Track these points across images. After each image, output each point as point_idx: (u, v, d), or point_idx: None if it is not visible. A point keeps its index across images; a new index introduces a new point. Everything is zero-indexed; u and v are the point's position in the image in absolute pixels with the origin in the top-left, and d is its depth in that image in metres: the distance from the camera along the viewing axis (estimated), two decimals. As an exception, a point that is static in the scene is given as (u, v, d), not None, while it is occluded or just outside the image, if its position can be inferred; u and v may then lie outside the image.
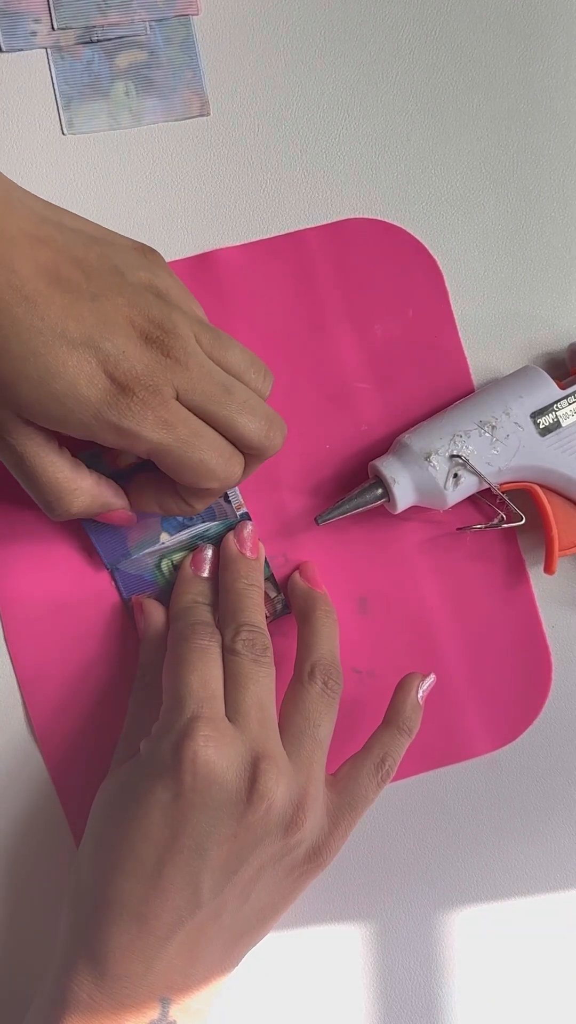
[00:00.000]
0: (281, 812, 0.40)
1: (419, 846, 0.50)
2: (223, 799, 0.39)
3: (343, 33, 0.50)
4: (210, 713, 0.41)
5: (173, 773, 0.39)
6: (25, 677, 0.48)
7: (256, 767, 0.40)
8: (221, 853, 0.39)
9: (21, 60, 0.49)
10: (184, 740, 0.39)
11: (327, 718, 0.43)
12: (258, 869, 0.40)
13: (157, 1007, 0.39)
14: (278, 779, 0.40)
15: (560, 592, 0.50)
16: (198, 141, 0.50)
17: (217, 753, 0.39)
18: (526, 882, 0.50)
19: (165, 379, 0.39)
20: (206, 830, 0.39)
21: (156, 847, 0.39)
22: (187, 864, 0.39)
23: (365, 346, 0.50)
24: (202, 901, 0.39)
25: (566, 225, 0.51)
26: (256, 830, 0.39)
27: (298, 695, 0.44)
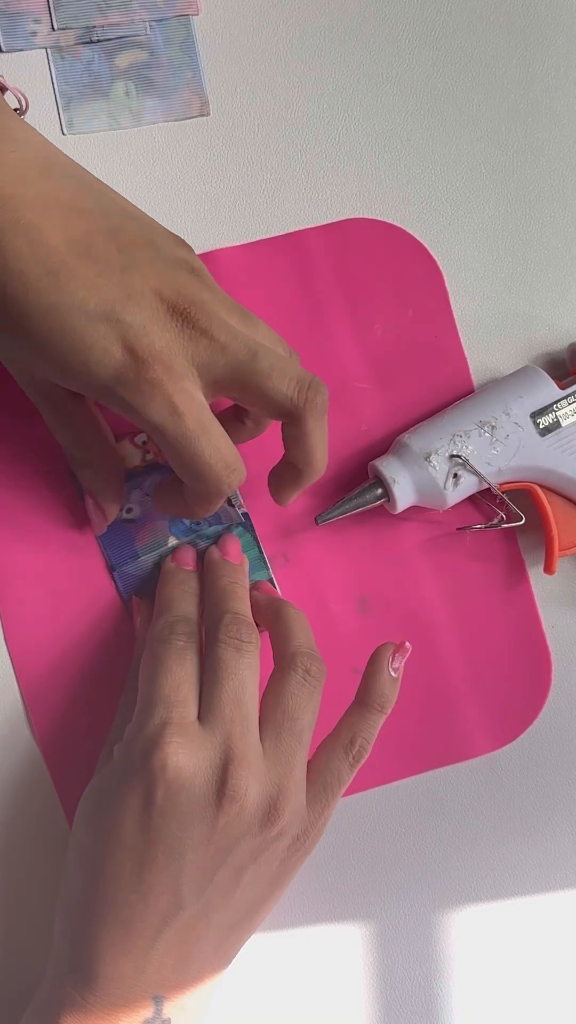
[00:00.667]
0: (254, 811, 0.39)
1: (419, 846, 0.50)
2: (193, 805, 0.39)
3: (343, 33, 0.50)
4: (179, 719, 0.40)
5: (143, 782, 0.39)
6: (25, 676, 0.48)
7: (226, 770, 0.39)
8: (198, 857, 0.39)
9: (21, 60, 0.49)
10: (152, 748, 0.39)
11: (308, 709, 0.42)
12: (239, 868, 0.40)
13: (150, 1005, 0.39)
14: (249, 780, 0.39)
15: (560, 592, 0.50)
16: (198, 141, 0.50)
17: (186, 760, 0.39)
18: (526, 882, 0.50)
19: (185, 356, 0.38)
20: (179, 836, 0.39)
21: (133, 854, 0.39)
22: (164, 870, 0.39)
23: (365, 346, 0.50)
24: (184, 903, 0.39)
25: (566, 225, 0.51)
26: (230, 832, 0.39)
27: (278, 686, 0.42)
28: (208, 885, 0.39)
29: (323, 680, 0.43)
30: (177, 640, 0.42)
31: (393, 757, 0.49)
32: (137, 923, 0.39)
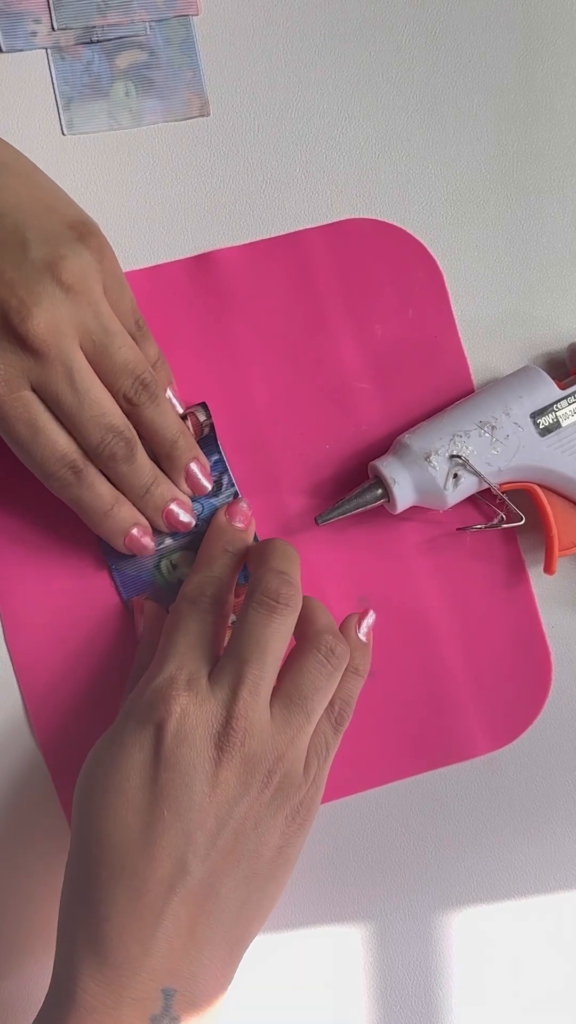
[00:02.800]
0: (252, 767, 0.40)
1: (419, 846, 0.50)
2: (195, 758, 0.39)
3: (343, 33, 0.50)
4: (188, 675, 0.41)
5: (147, 735, 0.40)
6: (25, 677, 0.48)
7: (227, 724, 0.40)
8: (201, 817, 0.39)
9: (21, 60, 0.49)
10: (158, 701, 0.40)
11: (324, 690, 0.42)
12: (239, 832, 0.40)
13: (159, 999, 0.38)
14: (247, 735, 0.40)
15: (560, 592, 0.50)
16: (198, 141, 0.50)
17: (190, 713, 0.40)
18: (526, 882, 0.50)
19: (18, 371, 0.40)
20: (182, 791, 0.39)
21: (140, 815, 0.39)
22: (171, 828, 0.39)
23: (365, 346, 0.50)
24: (190, 867, 0.39)
25: (566, 225, 0.51)
26: (229, 789, 0.40)
27: (299, 661, 0.43)
28: (212, 850, 0.39)
29: (343, 665, 0.43)
30: (203, 601, 0.43)
31: (393, 757, 0.49)
32: (144, 893, 0.38)
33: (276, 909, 0.48)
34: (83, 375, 0.42)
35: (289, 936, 0.49)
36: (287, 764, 0.41)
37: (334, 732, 0.44)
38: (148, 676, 0.42)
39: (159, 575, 0.48)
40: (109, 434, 0.42)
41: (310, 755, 0.43)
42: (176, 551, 0.48)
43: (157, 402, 0.44)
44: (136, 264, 0.49)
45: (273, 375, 0.49)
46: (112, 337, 0.42)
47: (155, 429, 0.45)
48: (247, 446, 0.49)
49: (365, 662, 0.46)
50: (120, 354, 0.42)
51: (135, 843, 0.39)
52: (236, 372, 0.49)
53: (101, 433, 0.42)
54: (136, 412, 0.44)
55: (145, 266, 0.49)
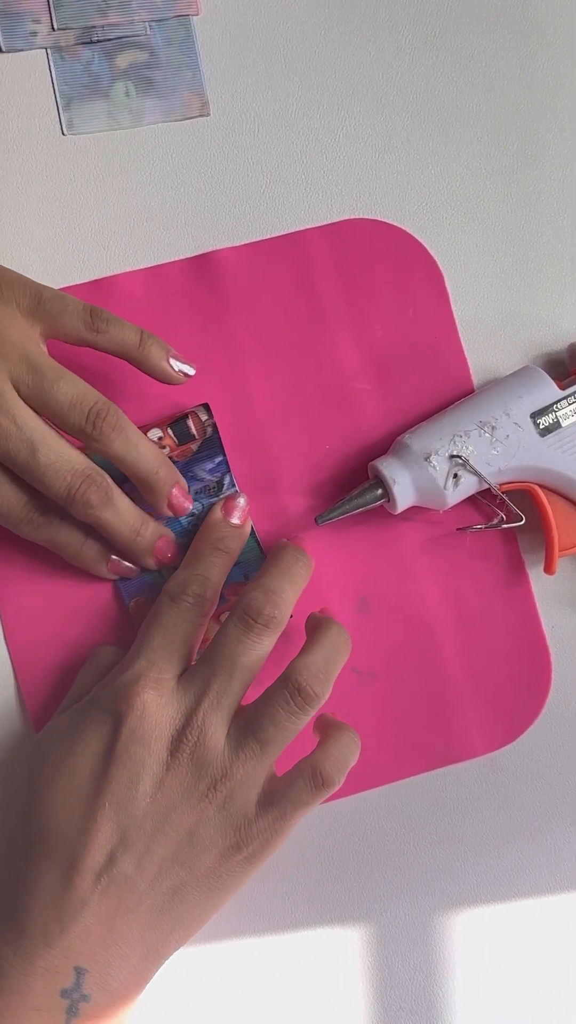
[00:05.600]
0: (197, 776, 0.40)
1: (419, 846, 0.50)
2: (146, 757, 0.40)
3: (343, 33, 0.50)
4: (156, 673, 0.41)
5: (106, 726, 0.40)
6: (25, 677, 0.48)
7: (183, 730, 0.40)
8: (140, 813, 0.40)
9: (21, 60, 0.49)
10: (122, 695, 0.41)
11: (282, 728, 0.41)
12: (177, 840, 0.40)
13: (71, 974, 0.39)
14: (200, 741, 0.40)
15: (560, 592, 0.50)
16: (198, 141, 0.50)
17: (151, 712, 0.40)
18: (526, 882, 0.50)
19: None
20: (128, 787, 0.39)
21: (83, 801, 0.40)
22: (109, 821, 0.39)
23: (365, 346, 0.50)
24: (119, 863, 0.39)
25: (566, 225, 0.51)
26: (172, 791, 0.40)
27: (267, 693, 0.42)
28: (145, 851, 0.40)
29: (315, 705, 0.42)
30: (184, 600, 0.43)
31: (393, 757, 0.49)
32: (72, 877, 0.39)
33: (276, 909, 0.48)
34: (30, 424, 0.41)
35: (289, 936, 0.49)
36: (233, 784, 0.40)
37: (314, 791, 0.41)
38: (120, 667, 0.42)
39: (159, 576, 0.48)
40: (76, 480, 0.42)
41: (276, 799, 0.41)
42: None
43: (123, 433, 0.43)
44: (135, 264, 0.49)
45: (273, 375, 0.49)
46: (43, 374, 0.41)
47: (130, 463, 0.43)
48: (247, 446, 0.49)
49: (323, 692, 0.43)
50: (58, 389, 0.42)
51: (74, 828, 0.39)
52: (236, 372, 0.49)
53: (68, 480, 0.42)
54: (104, 448, 0.43)
55: (145, 266, 0.49)
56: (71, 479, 0.42)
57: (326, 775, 0.42)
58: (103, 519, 0.43)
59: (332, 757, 0.42)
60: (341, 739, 0.43)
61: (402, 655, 0.49)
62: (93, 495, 0.42)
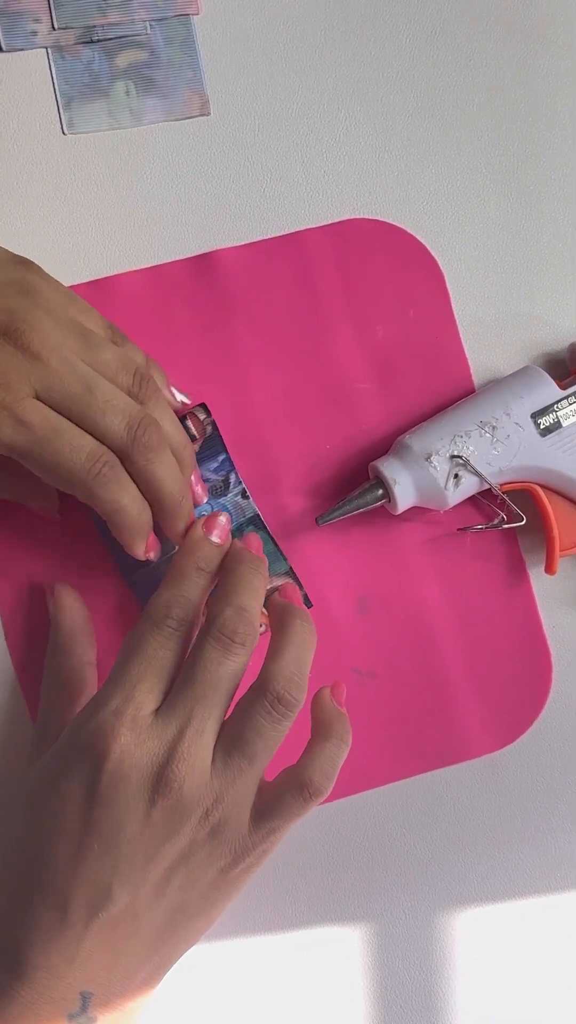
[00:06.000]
0: (188, 808, 0.39)
1: (419, 846, 0.50)
2: (130, 799, 0.38)
3: (343, 33, 0.50)
4: (134, 711, 0.39)
5: (86, 769, 0.39)
6: (25, 678, 0.48)
7: (166, 766, 0.39)
8: (131, 850, 0.39)
9: (21, 60, 0.49)
10: (99, 736, 0.39)
11: (266, 738, 0.40)
12: (170, 867, 0.40)
13: (77, 1000, 0.39)
14: (185, 777, 0.39)
15: (560, 592, 0.50)
16: (198, 141, 0.50)
17: (130, 753, 0.39)
18: (526, 882, 0.50)
19: (20, 375, 0.38)
20: (115, 829, 0.39)
21: (71, 843, 0.39)
22: (98, 860, 0.39)
23: (366, 346, 0.50)
24: (115, 896, 0.39)
25: (566, 225, 0.51)
26: (162, 828, 0.39)
27: (245, 703, 0.41)
28: (139, 881, 0.39)
29: (295, 710, 0.41)
30: (167, 624, 0.41)
31: (393, 757, 0.49)
32: (68, 913, 0.39)
33: (276, 909, 0.48)
34: (81, 366, 0.40)
35: (289, 936, 0.49)
36: (225, 807, 0.40)
37: (303, 802, 0.41)
38: (97, 700, 0.40)
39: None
40: (135, 420, 0.41)
41: (268, 814, 0.41)
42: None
43: (161, 402, 0.43)
44: (136, 264, 0.49)
45: (273, 375, 0.49)
46: (96, 339, 0.41)
47: (167, 431, 0.43)
48: (247, 446, 0.49)
49: (342, 729, 0.43)
50: (111, 350, 0.41)
51: (63, 867, 0.39)
52: (236, 372, 0.49)
53: (127, 419, 0.40)
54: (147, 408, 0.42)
55: (145, 266, 0.49)
56: (130, 419, 0.40)
57: (314, 787, 0.41)
58: (156, 473, 0.42)
59: (319, 767, 0.41)
60: (327, 745, 0.42)
61: (402, 655, 0.49)
62: (153, 435, 0.41)
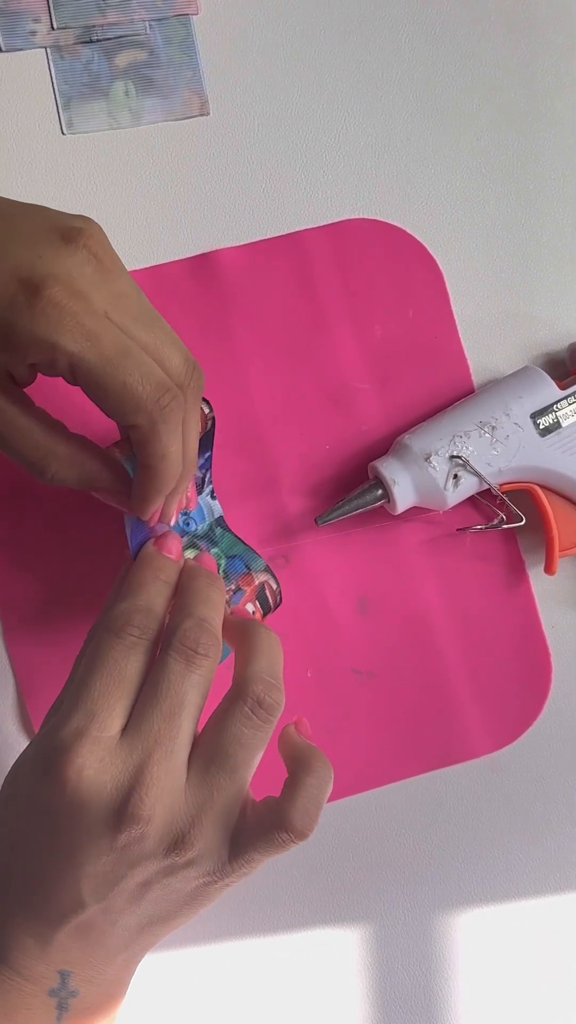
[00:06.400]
0: (159, 838, 0.36)
1: (419, 846, 0.50)
2: (91, 823, 0.36)
3: (343, 33, 0.50)
4: (96, 731, 0.37)
5: (47, 788, 0.37)
6: (25, 678, 0.48)
7: (130, 792, 0.36)
8: (96, 868, 0.37)
9: (20, 59, 0.49)
10: (61, 756, 0.36)
11: (248, 747, 0.38)
12: (144, 883, 0.38)
13: (56, 977, 0.38)
14: (153, 806, 0.36)
15: (560, 592, 0.50)
16: (198, 141, 0.50)
17: (91, 776, 0.36)
18: (526, 882, 0.50)
19: (92, 286, 0.35)
20: (75, 850, 0.37)
21: (35, 856, 0.38)
22: (64, 874, 0.37)
23: (365, 346, 0.50)
24: (85, 903, 0.37)
25: (566, 225, 0.51)
26: (131, 852, 0.37)
27: (222, 714, 0.38)
28: (110, 891, 0.37)
29: (276, 714, 0.39)
30: (129, 633, 0.38)
31: (393, 757, 0.49)
32: (42, 913, 0.38)
33: (276, 909, 0.48)
34: (149, 303, 0.38)
35: (289, 936, 0.49)
36: (203, 830, 0.37)
37: (283, 844, 0.38)
38: (60, 717, 0.38)
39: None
40: (191, 361, 0.38)
41: (247, 844, 0.38)
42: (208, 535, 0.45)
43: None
44: (136, 264, 0.49)
45: (273, 375, 0.49)
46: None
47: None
48: (247, 446, 0.49)
49: (325, 764, 0.40)
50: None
51: (37, 875, 0.38)
52: (236, 372, 0.49)
53: (185, 358, 0.38)
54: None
55: (145, 266, 0.49)
56: (187, 357, 0.38)
57: (296, 831, 0.38)
58: (192, 425, 0.39)
59: (301, 808, 0.38)
60: (308, 781, 0.39)
61: (402, 655, 0.49)
62: (202, 381, 0.38)
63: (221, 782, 0.38)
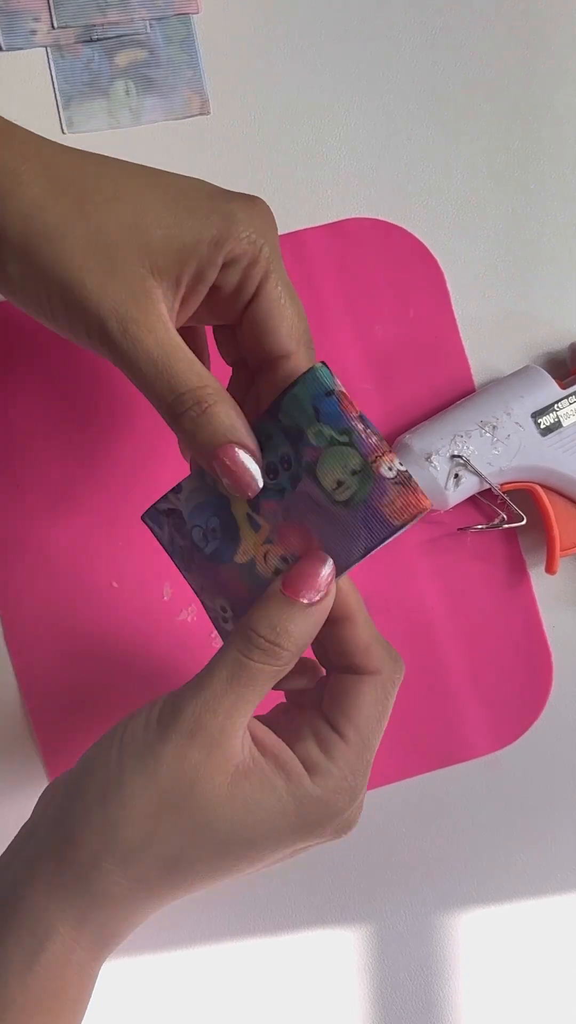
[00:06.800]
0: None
1: (419, 846, 0.50)
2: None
3: (343, 32, 0.50)
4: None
5: (315, 837, 0.37)
6: (24, 676, 0.48)
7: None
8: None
9: (21, 59, 0.49)
10: (344, 831, 0.38)
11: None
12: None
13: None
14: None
15: (561, 592, 0.50)
16: (198, 140, 0.50)
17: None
18: (526, 882, 0.50)
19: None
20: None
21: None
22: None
23: (366, 346, 0.50)
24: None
25: (566, 225, 0.51)
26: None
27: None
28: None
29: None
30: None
31: (394, 757, 0.49)
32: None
33: (276, 909, 0.48)
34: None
35: (290, 936, 0.49)
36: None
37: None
38: (350, 791, 0.37)
39: (250, 570, 0.38)
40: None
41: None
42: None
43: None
44: (136, 263, 0.49)
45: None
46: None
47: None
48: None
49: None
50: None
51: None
52: (236, 372, 0.49)
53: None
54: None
55: (145, 265, 0.49)
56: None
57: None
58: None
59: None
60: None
61: (403, 655, 0.49)
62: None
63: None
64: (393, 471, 0.35)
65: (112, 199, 0.36)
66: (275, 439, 0.37)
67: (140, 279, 0.35)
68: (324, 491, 0.36)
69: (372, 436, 0.35)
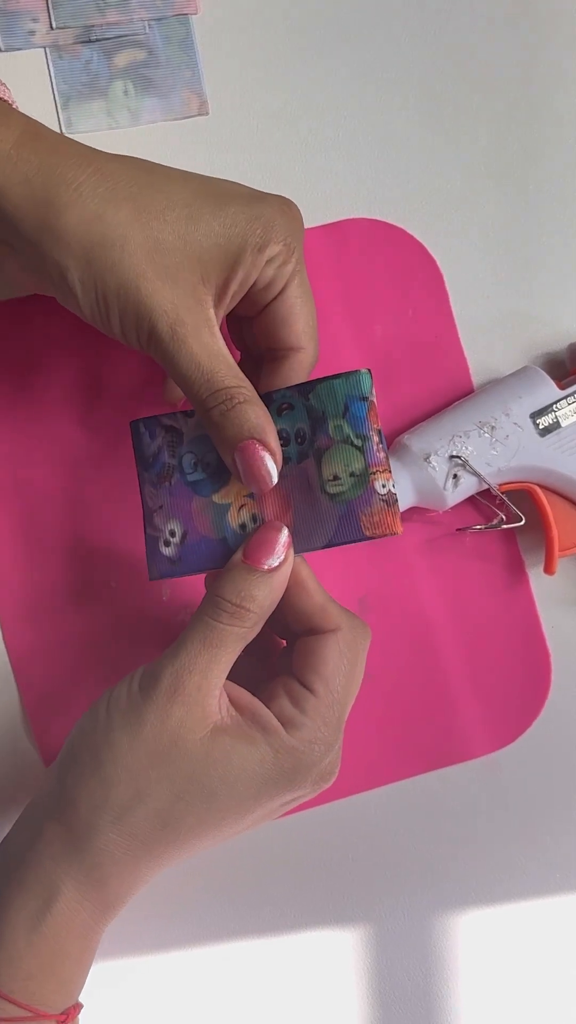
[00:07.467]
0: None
1: (419, 846, 0.50)
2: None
3: (343, 33, 0.50)
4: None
5: (297, 788, 0.39)
6: (23, 675, 0.48)
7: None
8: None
9: (20, 59, 0.49)
10: (326, 779, 0.41)
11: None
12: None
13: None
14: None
15: (560, 592, 0.50)
16: (197, 140, 0.50)
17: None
18: (526, 883, 0.50)
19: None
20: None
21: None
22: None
23: (365, 346, 0.50)
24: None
25: (566, 225, 0.51)
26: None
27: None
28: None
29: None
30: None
31: (393, 757, 0.49)
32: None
33: (276, 909, 0.48)
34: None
35: (289, 936, 0.49)
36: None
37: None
38: (327, 737, 0.39)
39: (221, 513, 0.41)
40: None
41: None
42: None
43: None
44: (135, 264, 0.49)
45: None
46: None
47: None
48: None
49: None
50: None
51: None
52: (236, 372, 0.49)
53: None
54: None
55: (144, 266, 0.49)
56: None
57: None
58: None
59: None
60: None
61: (402, 655, 0.49)
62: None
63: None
64: (385, 489, 0.38)
65: (166, 208, 0.38)
66: (296, 411, 0.40)
67: (192, 286, 0.39)
68: (320, 477, 0.39)
69: (381, 452, 0.38)
